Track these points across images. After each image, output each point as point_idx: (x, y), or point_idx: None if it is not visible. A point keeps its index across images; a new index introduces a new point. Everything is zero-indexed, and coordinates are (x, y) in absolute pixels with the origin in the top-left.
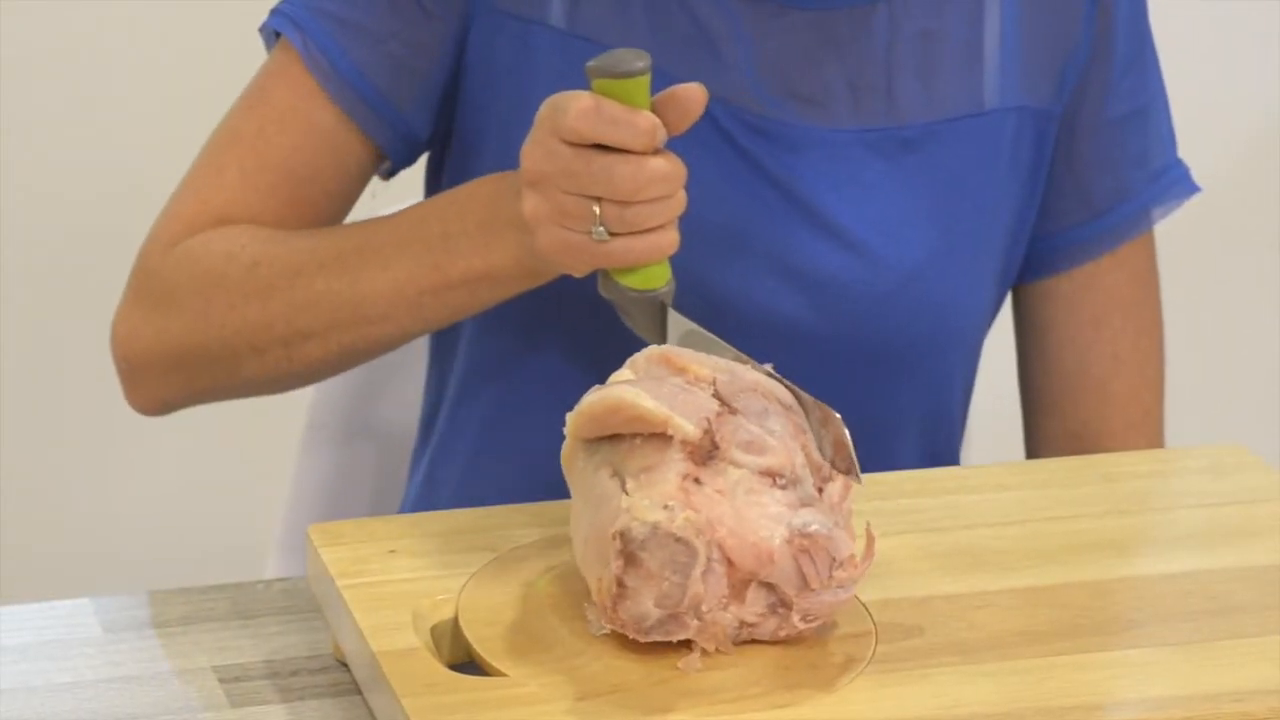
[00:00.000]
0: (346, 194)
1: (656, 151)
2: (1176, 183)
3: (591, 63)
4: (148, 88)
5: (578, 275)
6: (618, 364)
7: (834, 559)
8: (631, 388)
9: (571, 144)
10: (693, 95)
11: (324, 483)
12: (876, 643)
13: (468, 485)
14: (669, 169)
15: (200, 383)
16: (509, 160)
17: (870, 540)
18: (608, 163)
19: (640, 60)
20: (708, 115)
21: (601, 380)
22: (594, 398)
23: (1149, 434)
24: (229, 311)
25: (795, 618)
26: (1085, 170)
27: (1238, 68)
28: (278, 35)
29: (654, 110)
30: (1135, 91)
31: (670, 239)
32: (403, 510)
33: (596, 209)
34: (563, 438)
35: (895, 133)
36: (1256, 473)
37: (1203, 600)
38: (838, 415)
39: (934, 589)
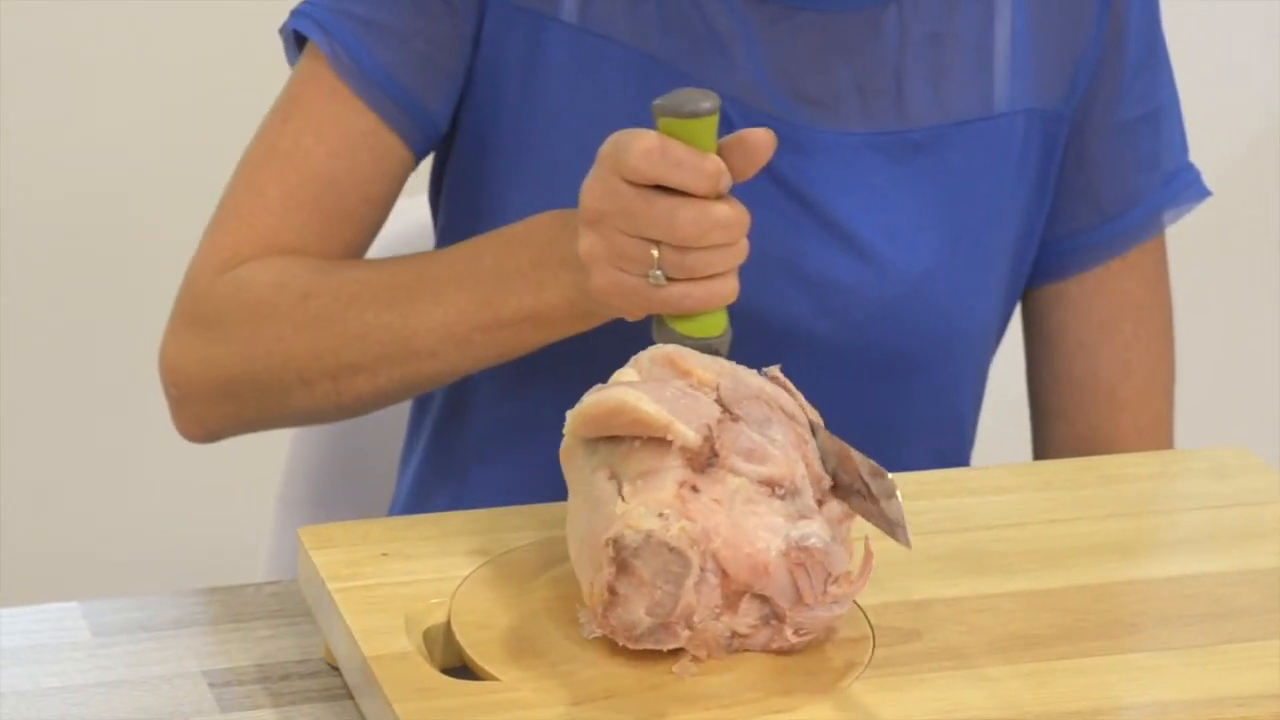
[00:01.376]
0: (387, 199)
1: (720, 196)
2: (1188, 186)
3: (658, 101)
4: (146, 87)
5: (631, 319)
6: (613, 368)
7: (829, 574)
8: (633, 390)
9: (633, 184)
10: (761, 141)
11: (315, 484)
12: (874, 647)
13: (462, 486)
14: (732, 215)
15: (248, 412)
16: (521, 158)
17: (868, 555)
18: (670, 206)
19: (708, 101)
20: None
21: (595, 383)
22: (595, 398)
23: (1159, 439)
24: (277, 342)
25: (788, 631)
26: (1095, 174)
27: (1238, 68)
28: (298, 37)
29: (720, 153)
30: (1147, 94)
31: (730, 287)
32: (392, 512)
33: (655, 252)
34: (554, 441)
35: (904, 136)
36: (1260, 475)
37: (1206, 604)
38: (890, 478)
39: (933, 592)
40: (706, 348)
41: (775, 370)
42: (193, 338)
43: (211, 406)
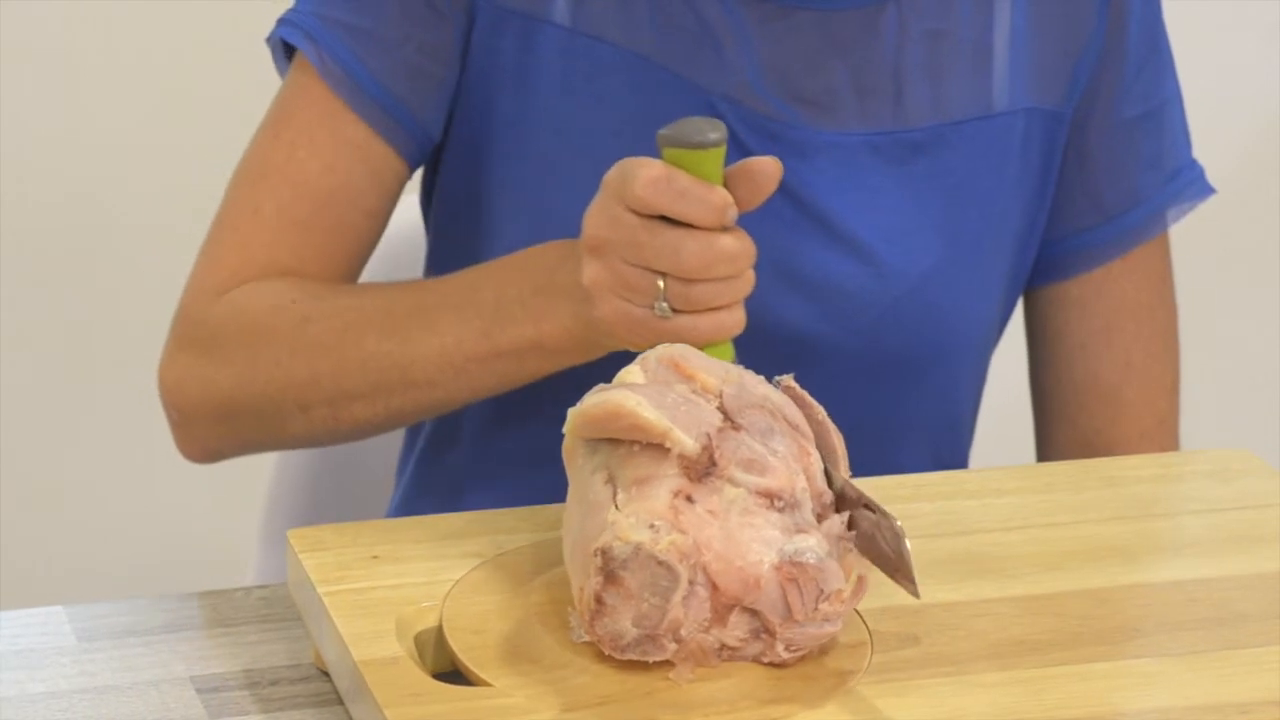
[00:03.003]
0: (384, 211)
1: (725, 228)
2: (1191, 185)
3: (664, 131)
4: (134, 91)
5: (635, 350)
6: (611, 375)
7: (821, 590)
8: (634, 394)
9: (638, 213)
10: (768, 171)
11: (304, 486)
12: (872, 653)
13: (456, 491)
14: (738, 248)
15: (247, 435)
16: (515, 164)
17: (862, 578)
18: (675, 237)
19: (715, 131)
20: (714, 116)
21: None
22: (596, 399)
23: (1163, 442)
24: (275, 368)
25: (779, 646)
26: (1096, 173)
27: (1240, 67)
28: (286, 47)
29: (725, 183)
30: (1149, 92)
31: (736, 319)
32: (388, 515)
33: (661, 283)
34: (554, 441)
35: (903, 136)
36: (1263, 478)
37: (1208, 608)
38: (899, 523)
39: (931, 597)
40: None
41: (789, 380)
42: (191, 361)
43: (211, 429)
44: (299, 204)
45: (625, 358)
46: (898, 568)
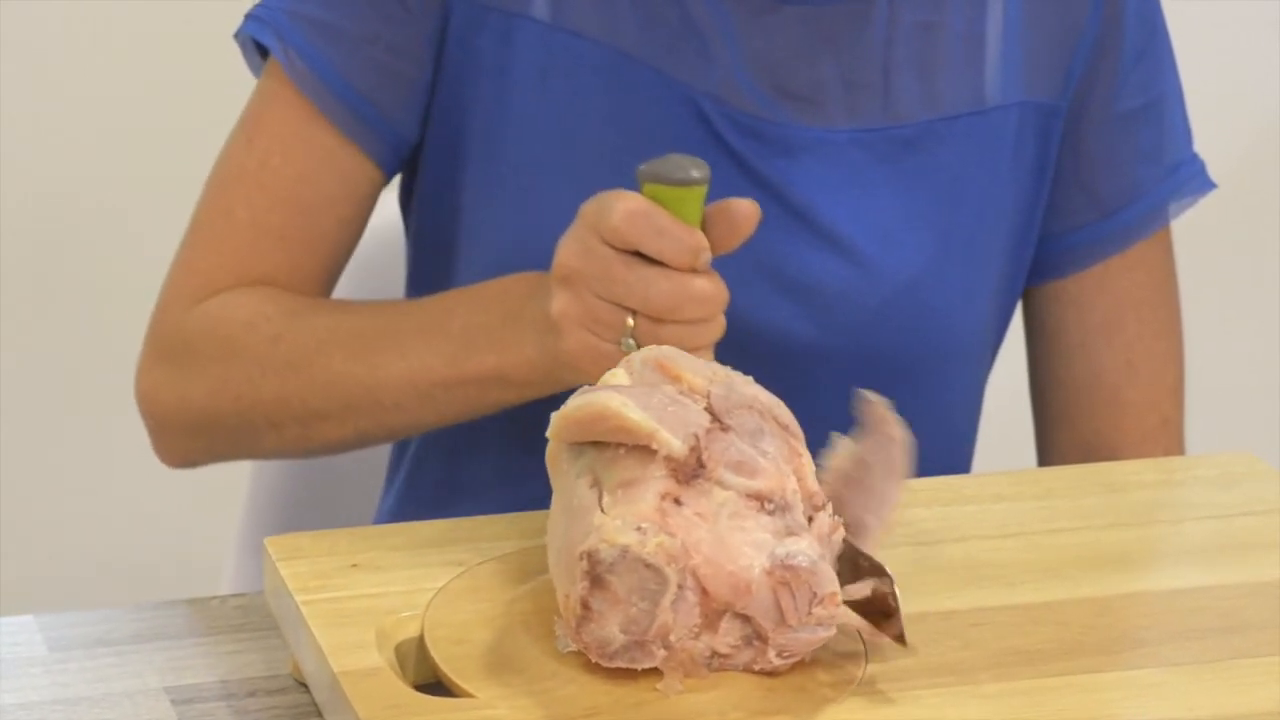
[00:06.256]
0: (358, 218)
1: (698, 270)
2: (1191, 179)
3: (644, 166)
4: (133, 87)
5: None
6: None
7: (815, 594)
8: (619, 395)
9: (612, 246)
10: (746, 213)
11: (283, 492)
12: (867, 662)
13: (448, 498)
14: (711, 291)
15: (221, 448)
16: (494, 163)
17: None
18: (648, 275)
19: (697, 169)
20: (698, 114)
21: None
22: (580, 401)
23: (1167, 443)
24: (247, 385)
25: (771, 653)
26: (1093, 167)
27: (1242, 62)
28: (256, 44)
29: (703, 223)
30: (1147, 84)
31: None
32: (377, 522)
33: (630, 320)
34: (543, 444)
35: (893, 132)
36: (1267, 482)
37: (1212, 617)
38: (890, 574)
39: (928, 605)
40: None
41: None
42: (166, 372)
43: (186, 440)
44: (272, 213)
45: None
46: (882, 613)
